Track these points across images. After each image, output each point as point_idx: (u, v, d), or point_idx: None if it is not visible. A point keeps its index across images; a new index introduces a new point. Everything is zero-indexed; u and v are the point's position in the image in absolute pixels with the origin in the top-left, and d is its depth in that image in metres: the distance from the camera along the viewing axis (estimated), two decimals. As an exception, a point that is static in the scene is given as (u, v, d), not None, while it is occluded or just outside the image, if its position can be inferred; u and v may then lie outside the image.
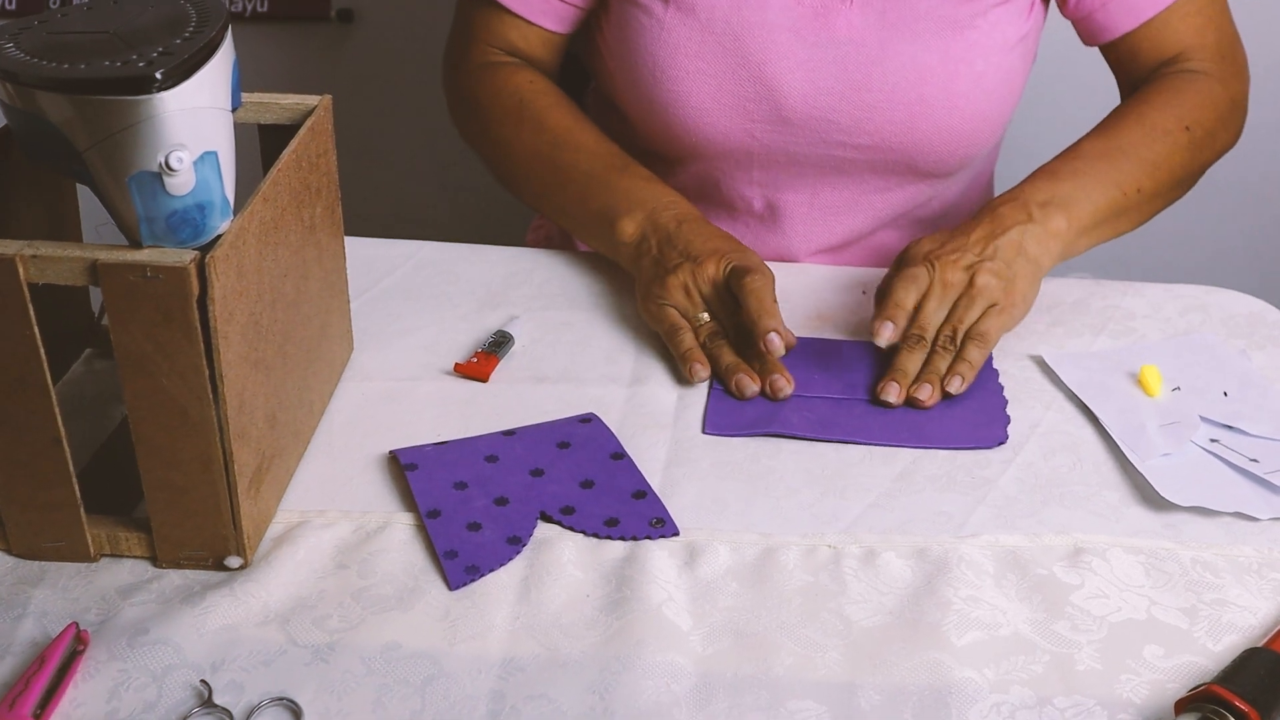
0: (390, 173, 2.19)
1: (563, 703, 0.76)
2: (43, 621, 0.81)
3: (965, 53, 1.15)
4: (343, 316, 1.03)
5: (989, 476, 0.94)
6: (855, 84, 1.16)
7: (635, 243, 1.12)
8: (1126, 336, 1.10)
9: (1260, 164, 2.06)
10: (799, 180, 1.22)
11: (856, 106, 1.16)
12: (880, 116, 1.16)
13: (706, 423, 0.99)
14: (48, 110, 0.75)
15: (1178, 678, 0.79)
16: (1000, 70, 1.17)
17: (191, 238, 0.78)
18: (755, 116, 1.17)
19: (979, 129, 1.19)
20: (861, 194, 1.23)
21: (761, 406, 1.00)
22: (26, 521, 0.85)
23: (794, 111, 1.17)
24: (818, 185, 1.23)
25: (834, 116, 1.17)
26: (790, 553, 0.87)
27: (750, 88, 1.16)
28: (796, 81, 1.16)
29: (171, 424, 0.80)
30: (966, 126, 1.18)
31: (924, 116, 1.16)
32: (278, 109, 0.94)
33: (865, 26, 1.15)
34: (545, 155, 1.20)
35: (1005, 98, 1.20)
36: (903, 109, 1.16)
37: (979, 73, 1.16)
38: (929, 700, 0.77)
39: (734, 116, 1.17)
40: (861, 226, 1.25)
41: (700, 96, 1.17)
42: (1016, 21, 1.18)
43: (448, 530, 0.88)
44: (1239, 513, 0.91)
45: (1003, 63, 1.17)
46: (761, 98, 1.16)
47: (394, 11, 2.08)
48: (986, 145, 1.22)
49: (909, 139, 1.18)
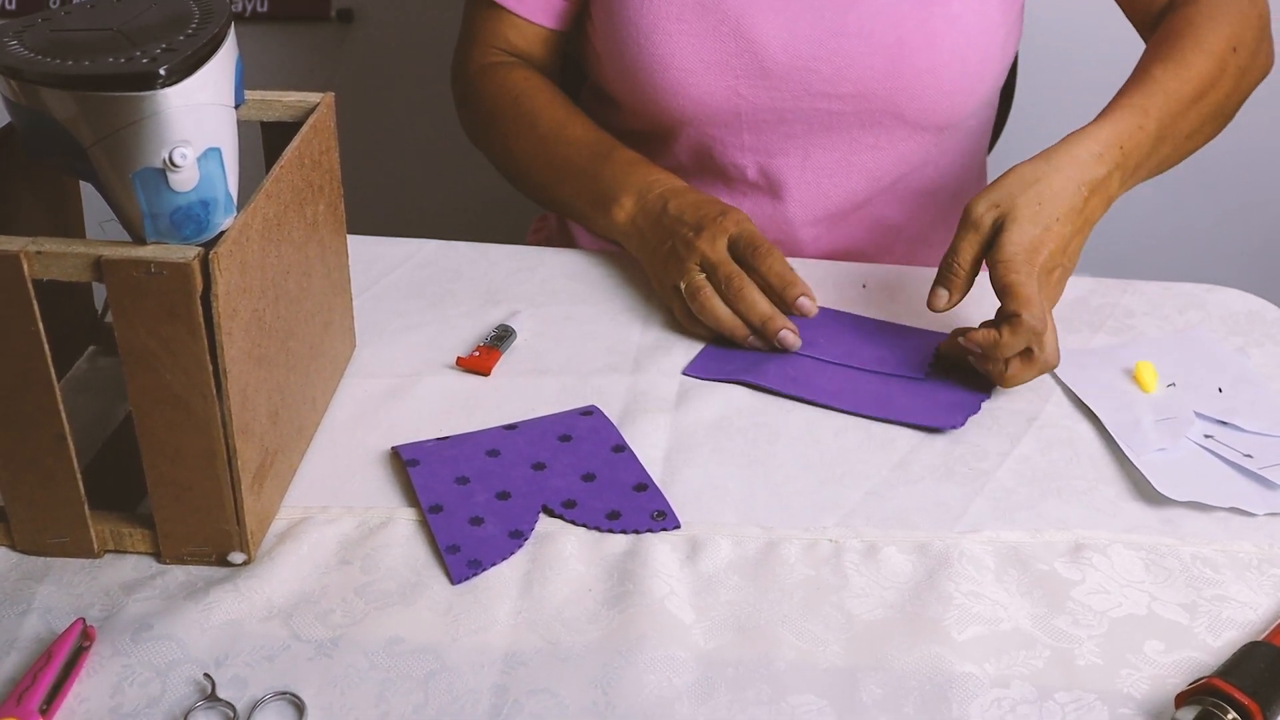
0: (390, 172, 2.19)
1: (565, 696, 0.77)
2: (47, 617, 0.81)
3: (948, 2, 1.16)
4: (345, 313, 1.03)
5: (986, 469, 0.95)
6: (832, 30, 1.17)
7: (629, 229, 1.14)
8: (1125, 334, 1.10)
9: (1260, 164, 2.06)
10: (789, 143, 1.23)
11: (835, 53, 1.17)
12: (860, 64, 1.17)
13: (688, 366, 1.03)
14: (52, 107, 0.75)
15: (1178, 672, 0.79)
16: (977, 14, 1.18)
17: (195, 234, 0.78)
18: (738, 72, 1.19)
19: (962, 75, 1.19)
20: (853, 153, 1.24)
21: (746, 358, 1.04)
22: (31, 517, 0.85)
23: (775, 63, 1.18)
24: (808, 146, 1.23)
25: (815, 65, 1.18)
26: (791, 546, 0.87)
27: (731, 43, 1.18)
28: (774, 30, 1.17)
29: (175, 420, 0.80)
30: (949, 71, 1.18)
31: (904, 60, 1.17)
32: (280, 106, 0.95)
33: None
34: (540, 153, 1.23)
35: (987, 47, 1.19)
36: (881, 53, 1.17)
37: (954, 14, 1.17)
38: (930, 694, 0.77)
39: (718, 74, 1.19)
40: (856, 191, 1.25)
41: (683, 57, 1.18)
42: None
43: (450, 525, 0.88)
44: (1234, 508, 0.91)
45: (979, 7, 1.18)
46: (742, 51, 1.18)
47: (394, 11, 2.08)
48: (973, 97, 1.22)
49: (891, 85, 1.18)
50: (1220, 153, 2.01)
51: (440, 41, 2.08)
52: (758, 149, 1.24)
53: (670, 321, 1.10)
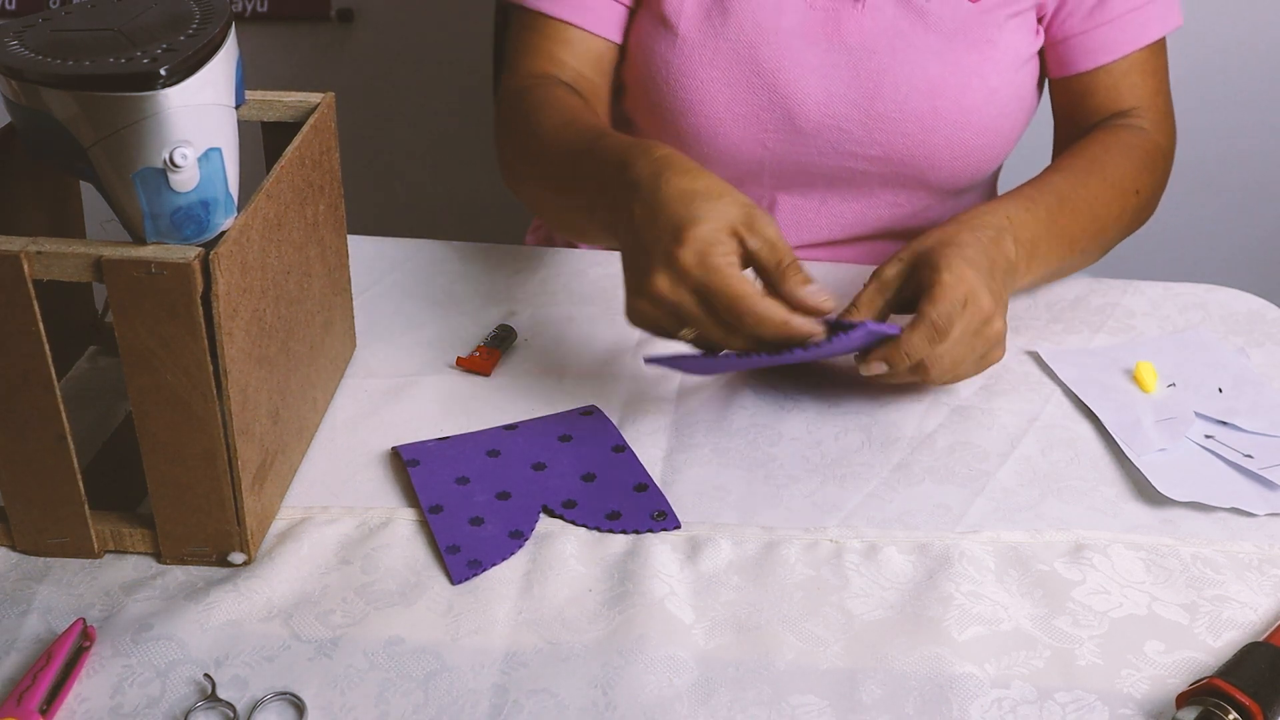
0: (390, 172, 2.19)
1: (565, 697, 0.77)
2: (47, 617, 0.81)
3: (979, 66, 1.15)
4: (345, 313, 1.03)
5: (987, 469, 0.95)
6: (867, 92, 1.16)
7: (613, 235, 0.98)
8: (1125, 334, 1.10)
9: (1260, 164, 2.07)
10: (809, 189, 1.22)
11: (868, 115, 1.16)
12: (892, 128, 1.16)
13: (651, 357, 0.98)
14: (52, 107, 0.75)
15: (1178, 673, 0.79)
16: (1012, 86, 1.18)
17: (196, 234, 0.78)
18: (768, 126, 1.17)
19: (991, 145, 1.19)
20: (870, 207, 1.23)
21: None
22: (31, 518, 0.85)
23: (807, 120, 1.16)
24: (827, 195, 1.23)
25: (846, 125, 1.17)
26: (792, 547, 0.87)
27: (764, 97, 1.16)
28: (809, 88, 1.16)
29: (175, 420, 0.80)
30: (979, 142, 1.18)
31: (936, 130, 1.16)
32: (281, 106, 0.95)
33: (876, 33, 1.15)
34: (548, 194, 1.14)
35: (1017, 114, 1.20)
36: (914, 121, 1.16)
37: (992, 88, 1.16)
38: (930, 694, 0.77)
39: (746, 126, 1.17)
40: (864, 232, 1.25)
41: (713, 105, 1.17)
42: (1028, 38, 1.18)
43: (450, 525, 0.88)
44: (1235, 508, 0.91)
45: (1014, 79, 1.18)
46: (775, 106, 1.16)
47: (394, 11, 2.08)
48: (997, 162, 1.22)
49: (921, 152, 1.17)
50: (1220, 153, 2.02)
51: (440, 41, 2.09)
52: (776, 190, 1.23)
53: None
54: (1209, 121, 1.96)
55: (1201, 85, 1.91)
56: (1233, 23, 1.94)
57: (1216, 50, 1.94)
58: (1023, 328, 1.10)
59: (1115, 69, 1.20)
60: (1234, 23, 1.94)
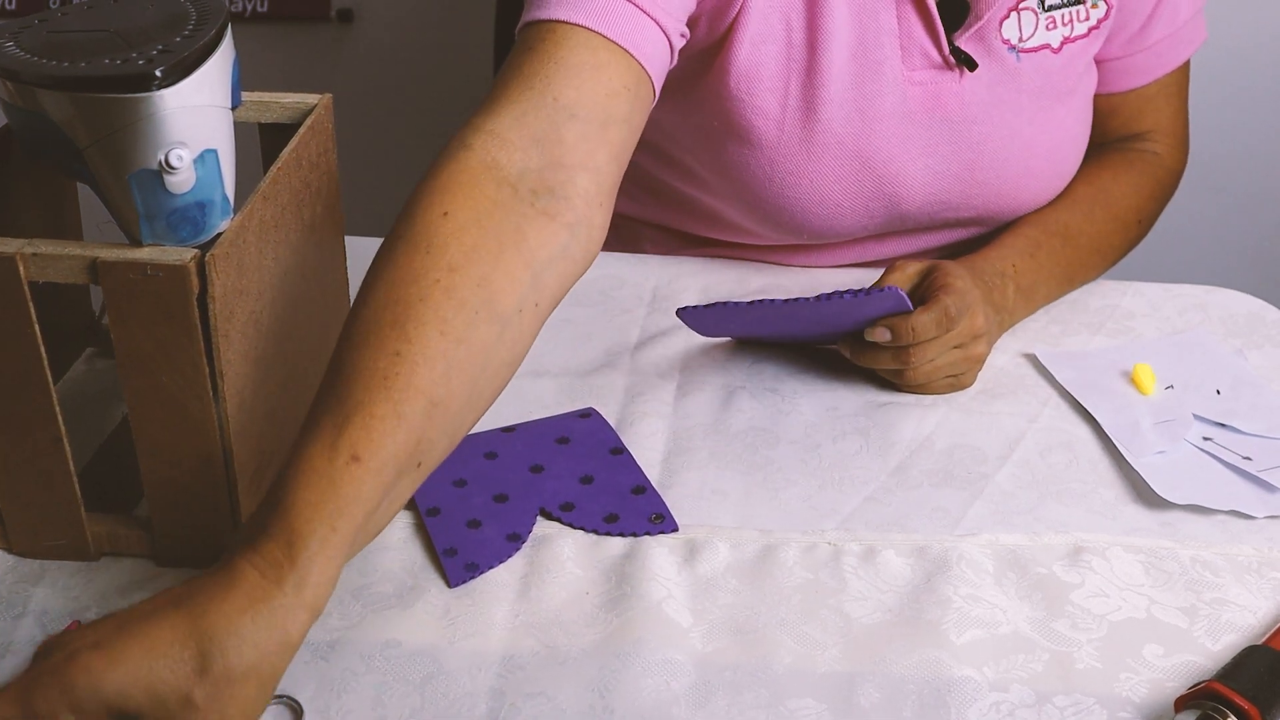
0: (390, 173, 2.19)
1: (562, 700, 0.77)
2: (43, 620, 0.81)
3: (1065, 119, 1.15)
4: (343, 315, 1.03)
5: (985, 472, 0.95)
6: (966, 163, 1.13)
7: None
8: (1124, 335, 1.10)
9: (1260, 164, 2.06)
10: (893, 242, 1.20)
11: (967, 185, 1.14)
12: (989, 191, 1.14)
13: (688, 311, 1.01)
14: (49, 108, 0.75)
15: (1177, 676, 0.79)
16: (1086, 125, 1.18)
17: (192, 236, 0.78)
18: (873, 212, 1.13)
19: (1067, 176, 1.18)
20: (934, 241, 1.21)
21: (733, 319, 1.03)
22: (27, 520, 0.85)
23: (911, 201, 1.13)
24: (909, 245, 1.21)
25: (947, 199, 1.14)
26: (790, 550, 0.87)
27: (870, 186, 1.12)
28: (913, 169, 1.12)
29: (172, 422, 0.80)
30: (1055, 185, 1.17)
31: (1028, 188, 1.15)
32: (278, 108, 0.94)
33: (975, 103, 1.12)
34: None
35: (1086, 148, 1.19)
36: (1010, 182, 1.14)
37: (1076, 136, 1.16)
38: (928, 698, 0.77)
39: (850, 214, 1.13)
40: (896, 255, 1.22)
41: (819, 197, 1.11)
42: (1092, 73, 1.18)
43: (447, 528, 0.88)
44: (1234, 510, 0.91)
45: (1088, 117, 1.18)
46: (881, 194, 1.12)
47: (394, 11, 2.08)
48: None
49: (1010, 207, 1.16)
50: (1220, 153, 2.02)
51: (440, 42, 2.09)
52: (864, 257, 1.21)
53: (668, 324, 1.10)
54: (1209, 122, 1.95)
55: (1202, 85, 1.91)
56: (1233, 23, 1.93)
57: (1216, 50, 1.94)
58: (1021, 330, 1.10)
59: (1144, 92, 1.21)
60: (1234, 23, 1.94)
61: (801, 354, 1.07)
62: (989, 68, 1.11)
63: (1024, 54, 1.11)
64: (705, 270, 1.18)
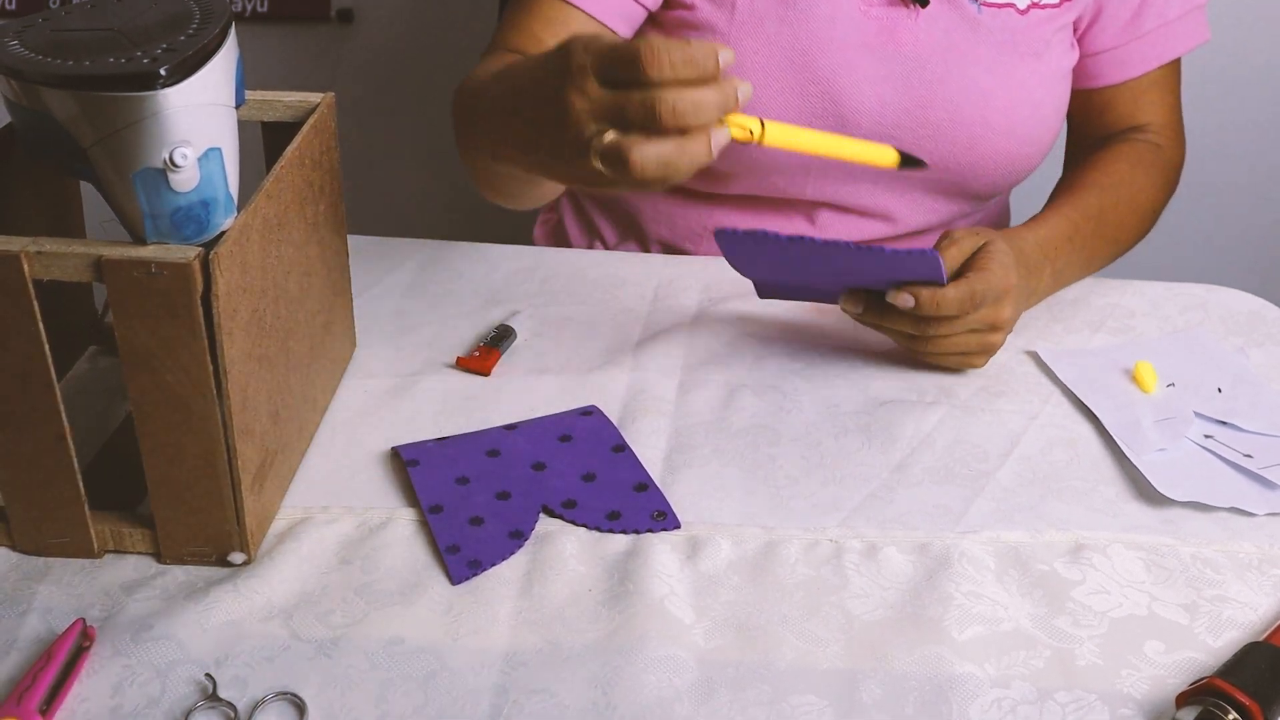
0: (390, 172, 2.19)
1: (565, 697, 0.77)
2: (47, 617, 0.81)
3: (1026, 79, 1.16)
4: (345, 313, 1.03)
5: (987, 470, 0.95)
6: (920, 101, 1.15)
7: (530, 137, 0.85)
8: (1125, 334, 1.11)
9: (1260, 164, 2.06)
10: (848, 188, 1.22)
11: (920, 124, 1.16)
12: (942, 136, 1.16)
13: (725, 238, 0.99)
14: (52, 107, 0.75)
15: (1178, 673, 0.79)
16: (1054, 98, 1.19)
17: (195, 234, 0.78)
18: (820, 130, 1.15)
19: (1031, 155, 1.19)
20: (911, 213, 1.23)
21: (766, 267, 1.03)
22: (31, 518, 0.85)
23: (858, 128, 1.16)
24: (869, 200, 1.22)
25: (897, 133, 1.16)
26: (792, 547, 0.87)
27: (818, 105, 1.15)
28: (863, 96, 1.15)
29: (175, 420, 0.80)
30: (1022, 151, 1.18)
31: (984, 140, 1.16)
32: (281, 106, 0.95)
33: (931, 45, 1.15)
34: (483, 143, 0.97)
35: (1055, 126, 1.21)
36: (964, 130, 1.16)
37: (1038, 100, 1.17)
38: (930, 694, 0.77)
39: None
40: (890, 234, 1.25)
41: (765, 111, 1.13)
42: (1068, 53, 1.19)
43: (450, 525, 0.88)
44: (1235, 508, 0.91)
45: (1056, 91, 1.19)
46: (829, 114, 1.15)
47: (394, 11, 2.08)
48: (1032, 171, 1.23)
49: (967, 160, 1.18)
50: (1220, 153, 2.02)
51: (440, 41, 2.09)
52: (816, 197, 1.22)
53: (670, 322, 1.10)
54: (1209, 121, 1.96)
55: (1202, 85, 1.91)
56: (1233, 22, 1.94)
57: (1216, 50, 1.94)
58: (1022, 328, 1.10)
59: (1139, 84, 1.22)
60: (1234, 22, 1.94)
61: (803, 352, 1.07)
62: (945, 11, 1.14)
63: (985, 7, 1.14)
64: (707, 269, 1.19)
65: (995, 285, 0.99)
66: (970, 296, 0.98)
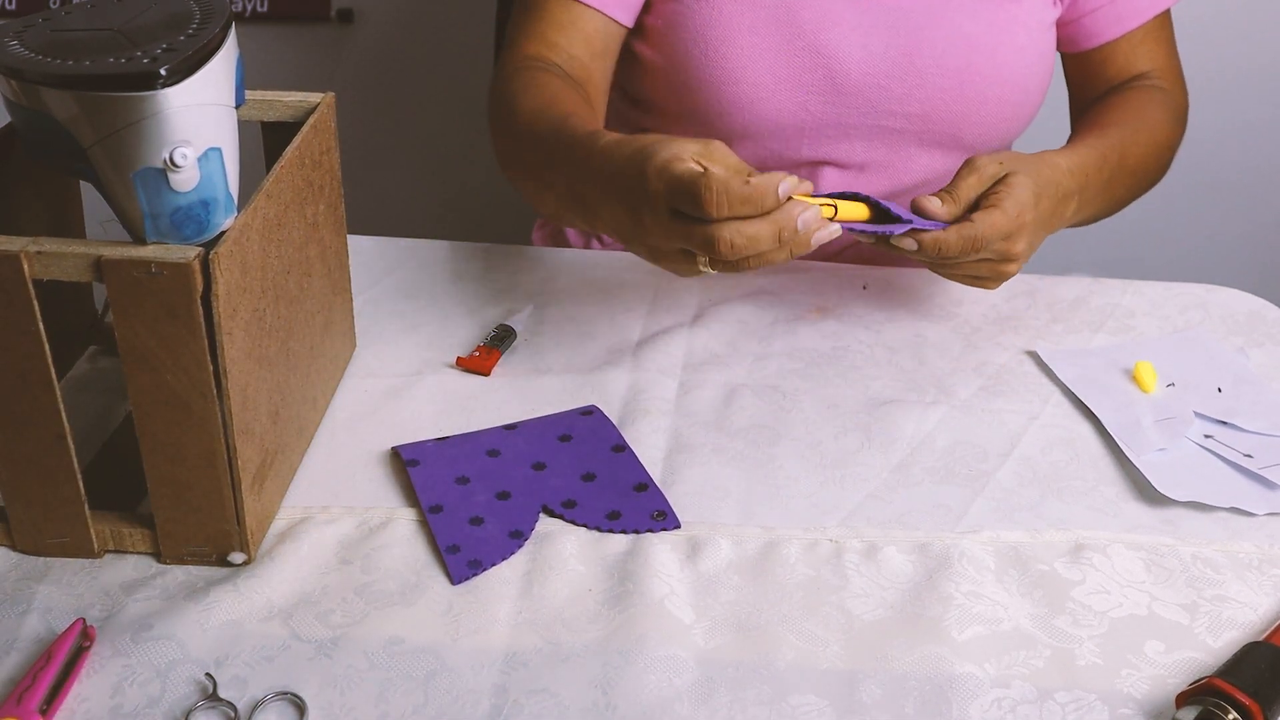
0: (390, 173, 2.19)
1: (565, 696, 0.77)
2: (47, 617, 0.81)
3: (1009, 25, 1.18)
4: (345, 313, 1.03)
5: (987, 470, 0.95)
6: (906, 50, 1.17)
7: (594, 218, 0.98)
8: (1125, 334, 1.11)
9: (1260, 164, 2.06)
10: (846, 154, 1.23)
11: (907, 73, 1.18)
12: (930, 83, 1.18)
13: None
14: (53, 107, 0.75)
15: (1178, 673, 0.79)
16: (1038, 47, 1.20)
17: (195, 234, 0.78)
18: (810, 88, 1.18)
19: (1020, 104, 1.21)
20: (905, 171, 1.24)
21: None
22: (31, 517, 0.85)
23: (848, 80, 1.17)
24: (864, 160, 1.23)
25: (886, 84, 1.18)
26: (792, 547, 0.87)
27: (805, 59, 1.17)
28: (850, 48, 1.17)
29: (175, 420, 0.80)
30: (1011, 99, 1.20)
31: (971, 85, 1.18)
32: (281, 106, 0.95)
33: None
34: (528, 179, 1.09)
35: (1042, 76, 1.22)
36: (951, 76, 1.18)
37: (1020, 46, 1.19)
38: (930, 694, 0.77)
39: (789, 90, 1.17)
40: (889, 192, 1.25)
41: (755, 72, 1.16)
42: (1046, 4, 1.21)
43: (450, 525, 0.88)
44: (1235, 508, 0.91)
45: (1039, 39, 1.20)
46: (817, 67, 1.17)
47: (394, 11, 2.08)
48: (1023, 124, 1.24)
49: (957, 108, 1.19)
50: (1220, 152, 2.02)
51: (440, 41, 2.09)
52: (812, 157, 1.23)
53: (670, 322, 1.10)
54: (1209, 121, 1.96)
55: (1202, 85, 1.91)
56: (1233, 22, 1.94)
57: (1216, 50, 1.94)
58: (1022, 328, 1.10)
59: (1133, 36, 1.25)
60: (1234, 22, 1.94)
61: (803, 352, 1.07)
62: None
63: None
64: (706, 269, 1.19)
65: (1002, 226, 0.98)
66: (973, 240, 0.98)
